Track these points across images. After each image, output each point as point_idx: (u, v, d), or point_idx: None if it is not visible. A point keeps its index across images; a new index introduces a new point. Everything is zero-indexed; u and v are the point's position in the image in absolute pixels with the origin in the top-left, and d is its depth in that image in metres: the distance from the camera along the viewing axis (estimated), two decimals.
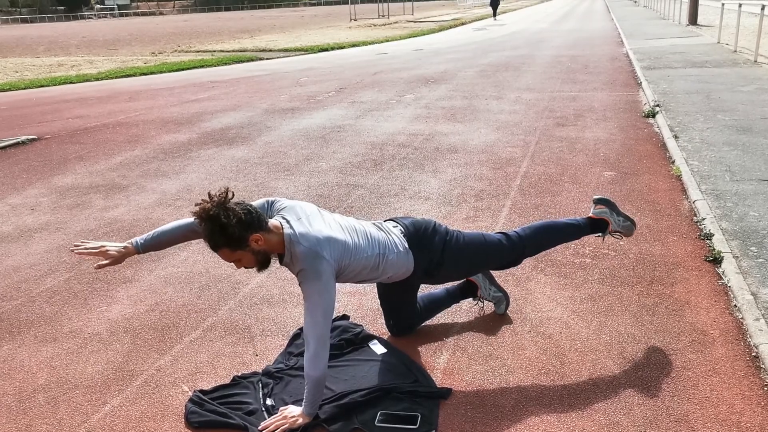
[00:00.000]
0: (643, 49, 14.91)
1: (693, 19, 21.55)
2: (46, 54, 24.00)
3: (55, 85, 14.34)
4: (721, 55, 13.07)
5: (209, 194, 2.40)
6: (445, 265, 2.83)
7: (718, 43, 15.40)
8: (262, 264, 2.51)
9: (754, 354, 2.82)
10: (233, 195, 2.43)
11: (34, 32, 45.52)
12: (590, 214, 3.16)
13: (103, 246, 2.68)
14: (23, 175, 6.56)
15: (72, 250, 2.70)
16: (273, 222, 2.51)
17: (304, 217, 2.53)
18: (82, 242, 2.71)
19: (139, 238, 2.72)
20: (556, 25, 27.69)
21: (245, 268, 2.51)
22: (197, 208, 2.37)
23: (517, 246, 2.96)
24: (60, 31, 45.57)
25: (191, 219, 2.61)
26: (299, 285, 2.45)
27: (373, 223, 2.79)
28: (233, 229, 2.34)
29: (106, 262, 2.66)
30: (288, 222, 2.50)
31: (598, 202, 3.16)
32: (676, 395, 2.58)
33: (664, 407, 2.51)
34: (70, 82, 14.61)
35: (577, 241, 4.13)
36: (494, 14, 37.03)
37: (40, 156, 7.39)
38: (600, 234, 3.16)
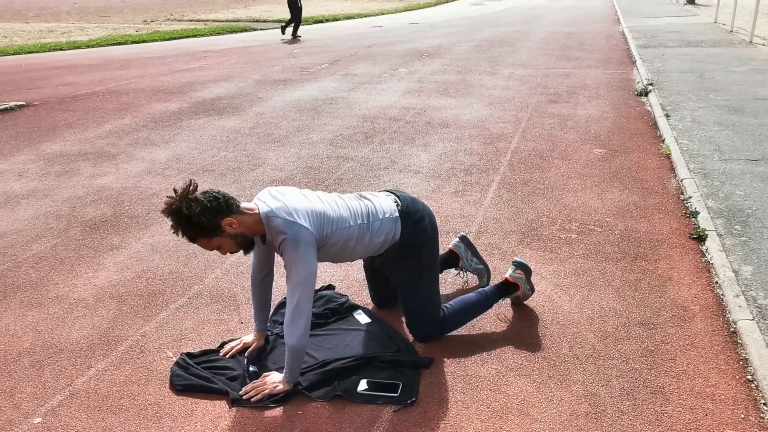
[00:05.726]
0: (639, 28, 14.82)
1: None
2: (35, 20, 23.58)
3: (44, 51, 14.12)
4: (716, 35, 13.02)
5: (174, 189, 2.42)
6: (418, 255, 2.75)
7: (715, 22, 15.33)
8: (244, 247, 2.52)
9: (732, 329, 2.87)
10: (196, 186, 2.42)
11: None
12: (507, 276, 3.06)
13: (242, 340, 2.83)
14: (11, 141, 6.50)
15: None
16: (247, 204, 2.51)
17: (279, 195, 2.53)
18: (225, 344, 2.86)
19: (254, 324, 2.84)
20: (553, 2, 27.42)
21: (230, 253, 2.52)
22: (164, 205, 2.39)
23: (439, 320, 2.87)
24: None
25: (252, 269, 2.78)
26: (281, 255, 2.46)
27: (358, 195, 2.78)
28: (199, 218, 2.34)
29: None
30: (263, 202, 2.51)
31: (518, 266, 3.06)
32: (654, 368, 2.62)
33: (642, 380, 2.56)
34: (60, 49, 14.40)
35: (564, 217, 4.17)
36: None
37: (29, 122, 7.31)
38: (505, 297, 3.07)
